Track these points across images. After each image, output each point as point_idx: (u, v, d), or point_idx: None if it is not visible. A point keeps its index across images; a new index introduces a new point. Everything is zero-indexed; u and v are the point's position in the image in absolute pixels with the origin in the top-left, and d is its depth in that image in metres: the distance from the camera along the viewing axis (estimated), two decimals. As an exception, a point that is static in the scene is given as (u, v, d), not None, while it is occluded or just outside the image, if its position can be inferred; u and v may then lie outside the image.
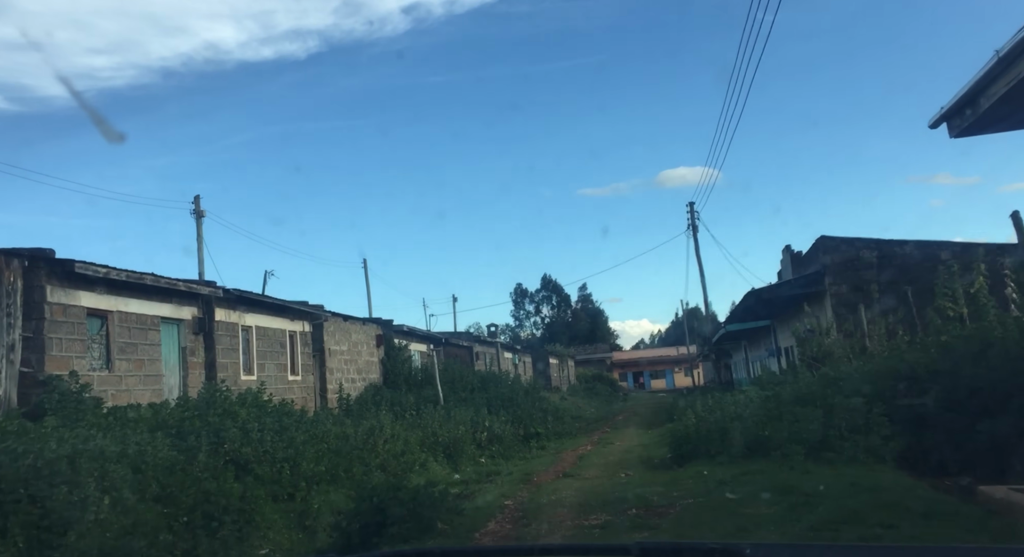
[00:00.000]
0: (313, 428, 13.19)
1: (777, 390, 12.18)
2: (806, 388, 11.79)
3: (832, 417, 10.26)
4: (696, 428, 12.61)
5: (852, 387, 10.94)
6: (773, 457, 10.30)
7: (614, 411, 38.92)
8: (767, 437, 10.79)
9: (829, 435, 10.05)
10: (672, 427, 20.89)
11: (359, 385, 25.96)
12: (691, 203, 33.85)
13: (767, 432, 10.88)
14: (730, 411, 12.43)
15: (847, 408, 10.21)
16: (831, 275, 21.93)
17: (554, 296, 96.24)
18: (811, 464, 9.60)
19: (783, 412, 11.10)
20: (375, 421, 14.89)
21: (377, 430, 14.02)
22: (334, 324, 24.56)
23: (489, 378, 25.65)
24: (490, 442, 18.98)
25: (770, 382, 18.20)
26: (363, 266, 47.08)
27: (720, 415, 12.63)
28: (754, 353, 42.61)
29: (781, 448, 10.27)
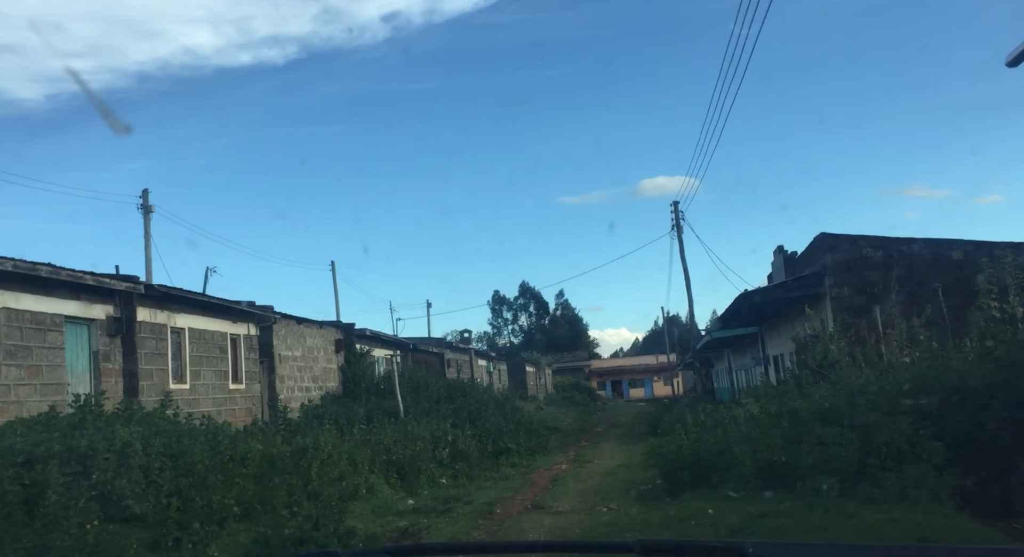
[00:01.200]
0: (231, 448, 10.81)
1: (791, 405, 9.97)
2: (825, 403, 9.61)
3: (869, 441, 8.08)
4: (692, 449, 10.39)
5: (885, 402, 8.79)
6: (796, 491, 8.09)
7: (592, 422, 36.71)
8: (785, 464, 8.60)
9: (867, 464, 7.87)
10: (656, 443, 18.67)
11: (315, 394, 23.53)
12: (675, 202, 31.87)
13: (783, 457, 8.68)
14: (737, 431, 10.20)
15: (888, 429, 8.04)
16: (832, 276, 19.90)
17: (532, 303, 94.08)
18: (848, 502, 7.40)
19: (803, 433, 8.91)
20: (312, 438, 12.52)
21: (311, 449, 11.64)
22: (286, 327, 22.13)
23: (457, 387, 23.32)
24: (453, 459, 16.66)
25: (768, 394, 16.07)
26: (331, 269, 44.56)
27: (721, 434, 10.42)
28: (739, 362, 40.58)
29: (806, 479, 8.06)
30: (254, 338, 20.47)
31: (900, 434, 7.96)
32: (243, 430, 14.92)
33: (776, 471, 8.71)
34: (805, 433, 8.93)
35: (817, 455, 8.23)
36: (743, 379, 40.49)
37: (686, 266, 31.61)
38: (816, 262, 20.69)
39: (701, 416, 14.68)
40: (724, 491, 8.92)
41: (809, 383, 15.13)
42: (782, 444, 8.90)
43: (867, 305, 19.59)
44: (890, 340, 14.09)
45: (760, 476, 8.76)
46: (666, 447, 11.54)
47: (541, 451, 19.55)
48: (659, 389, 73.06)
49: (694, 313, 32.23)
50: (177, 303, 17.01)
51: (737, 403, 16.32)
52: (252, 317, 20.26)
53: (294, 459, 11.27)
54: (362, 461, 13.79)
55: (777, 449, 8.86)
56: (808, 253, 21.92)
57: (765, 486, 8.67)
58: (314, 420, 20.47)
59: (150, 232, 30.27)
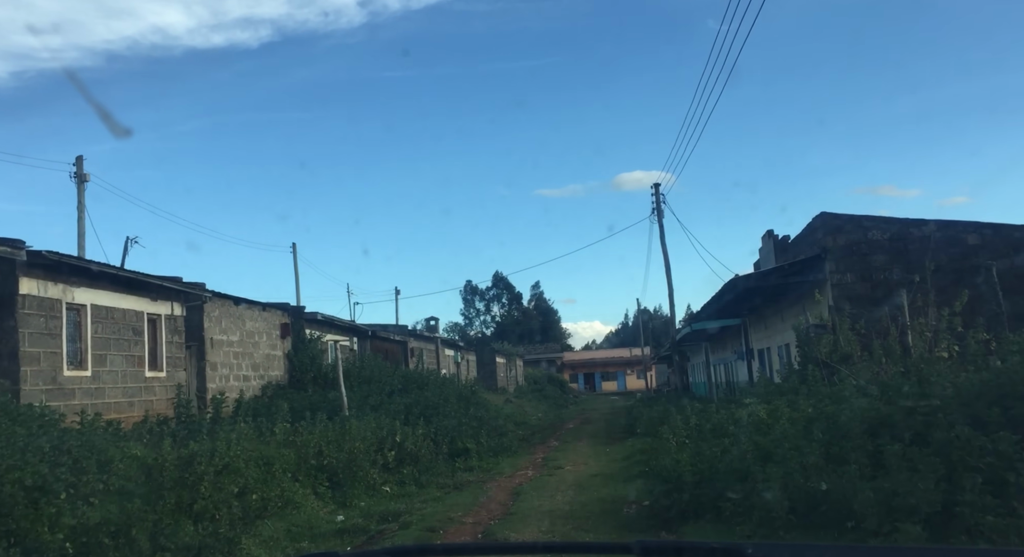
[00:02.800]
0: (90, 455, 8.13)
1: (828, 409, 7.47)
2: (873, 409, 7.15)
3: (955, 466, 5.62)
4: (692, 464, 7.89)
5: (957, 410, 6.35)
6: (847, 534, 5.63)
7: (564, 417, 34.26)
8: (827, 495, 6.12)
9: (958, 500, 5.40)
10: (636, 446, 16.25)
11: (255, 384, 20.77)
12: (656, 185, 29.40)
13: (825, 484, 6.21)
14: (749, 441, 7.67)
15: (978, 450, 5.60)
16: (834, 260, 17.56)
17: (505, 294, 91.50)
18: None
19: (847, 450, 6.45)
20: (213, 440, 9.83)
21: (203, 456, 8.96)
22: (220, 307, 19.33)
23: (414, 378, 20.69)
24: (401, 463, 14.06)
25: (769, 392, 13.67)
26: (292, 251, 41.60)
27: (730, 446, 7.92)
28: (718, 356, 38.33)
29: (864, 518, 5.58)
30: (179, 319, 17.66)
31: (1001, 457, 5.51)
32: (141, 427, 12.18)
33: (814, 502, 6.23)
34: (851, 450, 6.46)
35: (883, 485, 5.73)
36: (722, 374, 38.26)
37: (666, 251, 29.26)
38: (814, 245, 18.36)
39: (692, 418, 12.20)
40: (742, 529, 6.42)
41: (817, 381, 12.76)
42: (823, 465, 6.41)
43: (872, 293, 17.30)
44: (919, 331, 11.74)
45: (793, 510, 6.27)
46: (660, 460, 9.04)
47: (505, 452, 17.00)
48: (632, 382, 71.00)
49: (674, 302, 29.90)
50: (77, 275, 14.19)
51: (733, 402, 13.88)
52: (177, 295, 17.45)
53: (179, 469, 8.59)
54: (282, 467, 11.15)
55: (815, 472, 6.36)
56: (805, 236, 19.59)
57: (800, 523, 6.19)
58: (250, 414, 17.86)
59: (84, 203, 27.14)
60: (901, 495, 5.47)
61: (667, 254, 29.19)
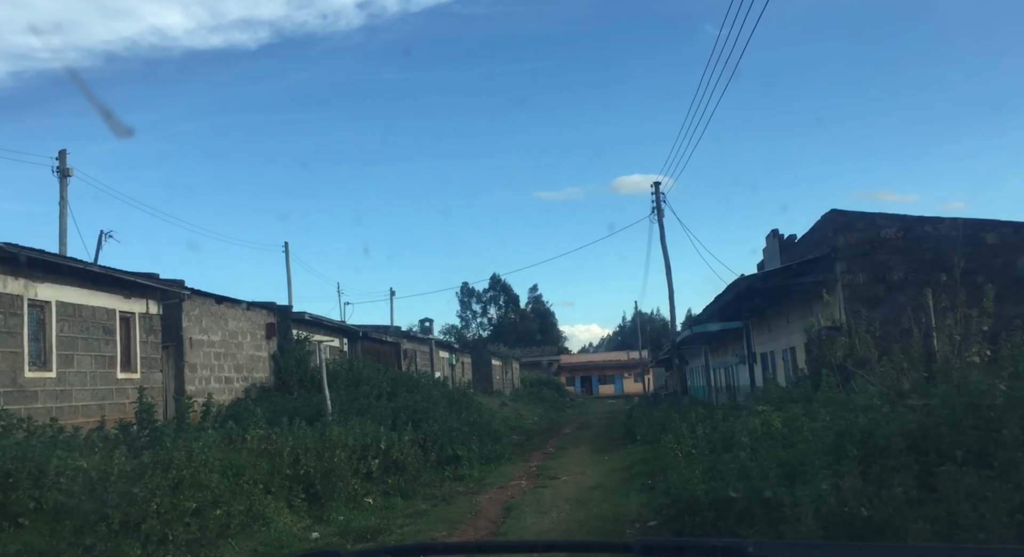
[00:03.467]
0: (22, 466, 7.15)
1: (858, 420, 6.50)
2: (912, 421, 6.20)
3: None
4: (705, 482, 6.91)
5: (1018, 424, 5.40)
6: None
7: (561, 421, 33.28)
8: (870, 523, 5.16)
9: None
10: (637, 455, 15.26)
11: (238, 386, 19.78)
12: (656, 183, 28.43)
13: (867, 510, 5.24)
14: (772, 456, 6.69)
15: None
16: (845, 260, 16.61)
17: (503, 296, 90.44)
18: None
19: (891, 470, 5.49)
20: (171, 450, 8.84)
21: (161, 468, 7.98)
22: (200, 306, 18.34)
23: (404, 381, 19.70)
24: (386, 472, 13.09)
25: (780, 398, 12.71)
26: (284, 250, 40.58)
27: (748, 461, 6.94)
28: (718, 360, 37.36)
29: None
30: (155, 318, 16.67)
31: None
32: (96, 434, 11.18)
33: (854, 531, 5.26)
34: (893, 470, 5.50)
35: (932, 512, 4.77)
36: (722, 378, 37.29)
37: (666, 252, 28.30)
38: (823, 244, 17.42)
39: (699, 427, 11.23)
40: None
41: (832, 386, 11.80)
42: (861, 487, 5.45)
43: (885, 294, 16.36)
44: (946, 334, 10.78)
45: (828, 540, 5.30)
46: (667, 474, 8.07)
47: (498, 459, 16.02)
48: (629, 386, 69.99)
49: (674, 303, 28.96)
50: (40, 270, 13.21)
51: (741, 408, 12.90)
52: (153, 292, 16.46)
53: (128, 483, 7.61)
54: (253, 478, 10.17)
55: (853, 495, 5.40)
56: (812, 234, 18.64)
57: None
58: (230, 418, 16.88)
59: (66, 198, 26.13)
60: (965, 528, 4.50)
61: (667, 254, 28.28)
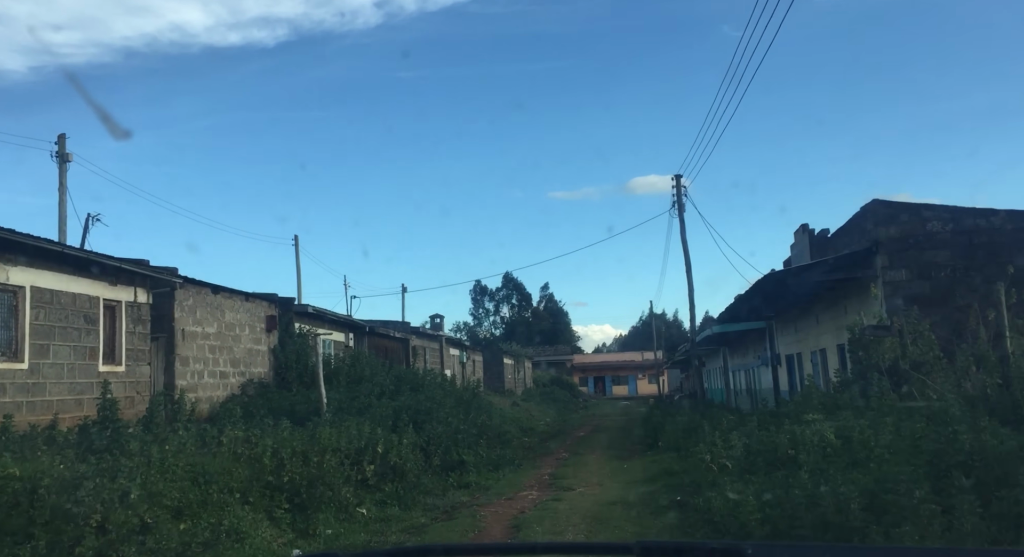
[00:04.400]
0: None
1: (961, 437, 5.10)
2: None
3: None
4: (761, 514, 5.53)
5: None
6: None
7: (574, 423, 31.88)
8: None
9: None
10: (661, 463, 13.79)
11: (234, 382, 18.56)
12: (677, 176, 26.98)
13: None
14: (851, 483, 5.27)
15: None
16: (886, 254, 15.16)
17: (515, 295, 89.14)
18: None
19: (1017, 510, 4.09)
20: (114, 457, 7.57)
21: (106, 477, 6.70)
22: (194, 296, 17.13)
23: (408, 379, 18.38)
24: (383, 478, 11.80)
25: (820, 402, 11.29)
26: (294, 244, 39.44)
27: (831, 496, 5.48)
28: (737, 362, 35.82)
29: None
30: (144, 307, 15.47)
31: None
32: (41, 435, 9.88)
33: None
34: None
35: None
36: (742, 380, 35.75)
37: (687, 247, 26.84)
38: (862, 237, 15.96)
39: (733, 436, 9.84)
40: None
41: (885, 391, 10.39)
42: (984, 529, 4.04)
43: (932, 291, 14.88)
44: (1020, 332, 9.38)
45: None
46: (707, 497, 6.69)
47: (507, 465, 14.69)
48: (643, 387, 68.46)
49: (694, 301, 27.51)
50: (12, 252, 12.01)
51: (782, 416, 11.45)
52: (142, 280, 15.26)
53: (62, 497, 6.33)
54: (228, 486, 8.90)
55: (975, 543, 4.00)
56: (849, 228, 17.16)
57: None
58: (224, 415, 15.72)
59: (66, 184, 25.07)
60: None
61: (687, 250, 26.82)
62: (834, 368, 18.89)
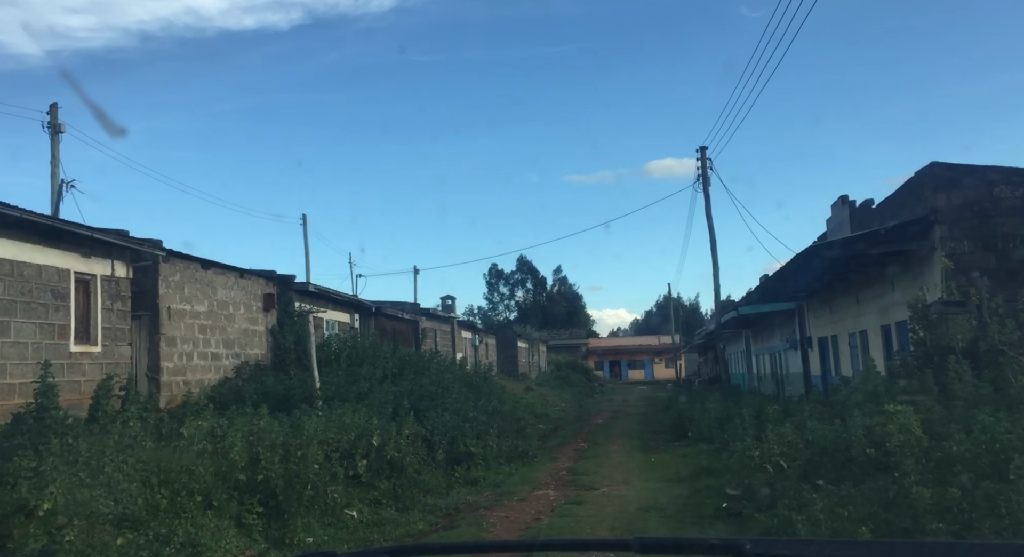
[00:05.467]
0: None
1: None
2: None
3: None
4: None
5: None
6: None
7: (591, 408, 30.32)
8: None
9: None
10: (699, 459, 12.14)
11: (227, 364, 17.12)
12: (702, 147, 25.14)
13: None
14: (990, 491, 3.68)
15: None
16: (946, 224, 13.38)
17: (530, 278, 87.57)
18: None
19: None
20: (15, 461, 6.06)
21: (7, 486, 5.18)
22: (181, 271, 15.66)
23: (413, 362, 16.85)
24: (378, 474, 10.28)
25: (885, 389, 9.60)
26: (303, 223, 38.01)
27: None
28: (762, 345, 34.05)
29: None
30: (123, 282, 14.00)
31: None
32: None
33: None
34: None
35: None
36: (766, 365, 33.99)
37: (711, 223, 25.05)
38: (917, 205, 14.17)
39: (784, 428, 8.21)
40: None
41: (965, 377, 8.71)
42: None
43: (999, 265, 13.13)
44: None
45: None
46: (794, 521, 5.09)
47: (520, 457, 13.15)
48: (660, 371, 66.79)
49: (719, 280, 25.79)
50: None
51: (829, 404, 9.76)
52: (121, 252, 13.78)
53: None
54: (188, 488, 7.41)
55: None
56: (901, 196, 15.32)
57: None
58: (211, 402, 14.38)
59: (58, 156, 23.67)
60: None
61: (712, 226, 25.04)
62: (877, 352, 17.17)
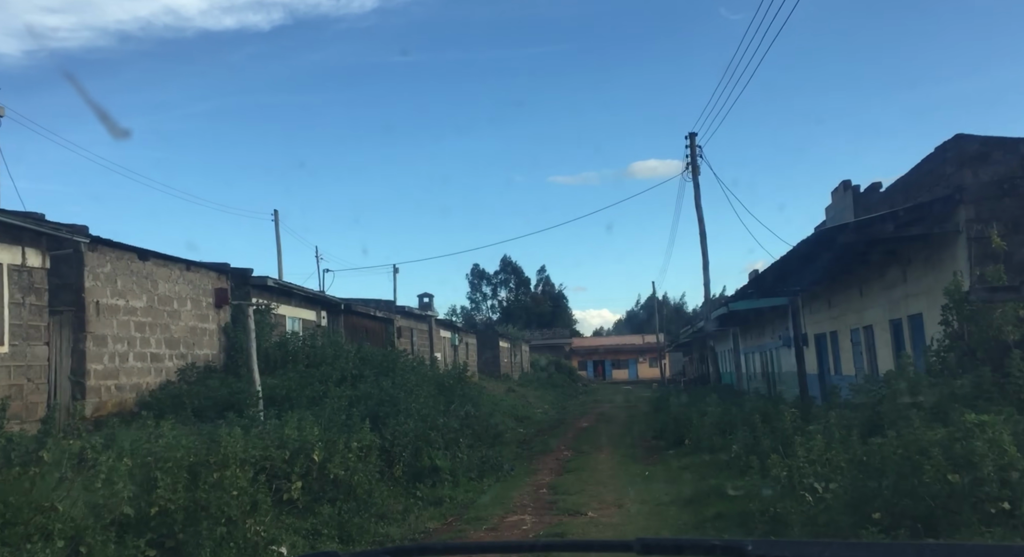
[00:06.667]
0: None
1: None
2: None
3: None
4: None
5: None
6: None
7: (575, 410, 28.56)
8: None
9: None
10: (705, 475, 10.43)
11: (170, 366, 15.16)
12: (692, 134, 23.49)
13: None
14: None
15: None
16: (972, 203, 11.74)
17: (513, 278, 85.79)
18: None
19: None
20: None
21: None
22: (113, 261, 13.71)
23: (377, 361, 14.87)
24: (318, 498, 8.43)
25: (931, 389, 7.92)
26: (274, 218, 36.01)
27: None
28: (751, 343, 32.43)
29: None
30: (38, 272, 12.04)
31: None
32: None
33: None
34: None
35: None
36: (756, 363, 32.43)
37: (701, 214, 23.40)
38: (939, 185, 12.54)
39: (817, 444, 6.47)
40: None
41: None
42: None
43: None
44: None
45: None
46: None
47: (493, 471, 11.34)
48: (644, 371, 65.26)
49: (708, 274, 24.14)
50: None
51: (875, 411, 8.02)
52: (34, 239, 11.82)
53: None
54: (43, 529, 5.54)
55: None
56: (917, 177, 13.65)
57: None
58: (147, 409, 12.54)
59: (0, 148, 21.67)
60: None
61: (702, 217, 23.39)
62: (885, 349, 15.56)
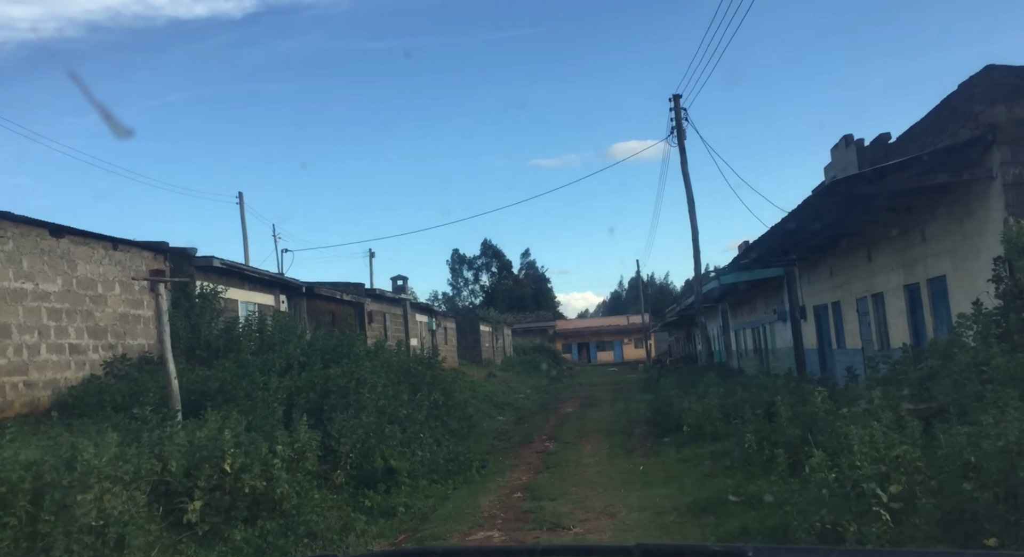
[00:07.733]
0: None
1: None
2: None
3: None
4: None
5: None
6: None
7: (559, 395, 26.83)
8: None
9: None
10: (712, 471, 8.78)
11: (95, 359, 13.15)
12: (676, 96, 21.68)
13: None
14: None
15: None
16: (1007, 144, 10.07)
17: (495, 262, 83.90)
18: None
19: None
20: None
21: None
22: (17, 238, 11.68)
23: (330, 347, 12.94)
24: (230, 517, 6.59)
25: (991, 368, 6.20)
26: (239, 201, 33.88)
27: None
28: (742, 319, 30.84)
29: None
30: (-88, 250, 10.06)
31: None
32: None
33: None
34: None
35: None
36: (747, 340, 30.85)
37: (688, 181, 21.63)
38: (964, 127, 10.86)
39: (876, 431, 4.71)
40: None
41: None
42: None
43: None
44: None
45: None
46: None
47: (462, 471, 9.54)
48: (630, 352, 63.81)
49: (699, 245, 22.43)
50: None
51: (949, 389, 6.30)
52: (-94, 209, 9.81)
53: None
54: None
55: None
56: (939, 119, 11.91)
57: None
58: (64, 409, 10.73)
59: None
60: None
61: (689, 184, 21.63)
62: (899, 317, 13.94)
